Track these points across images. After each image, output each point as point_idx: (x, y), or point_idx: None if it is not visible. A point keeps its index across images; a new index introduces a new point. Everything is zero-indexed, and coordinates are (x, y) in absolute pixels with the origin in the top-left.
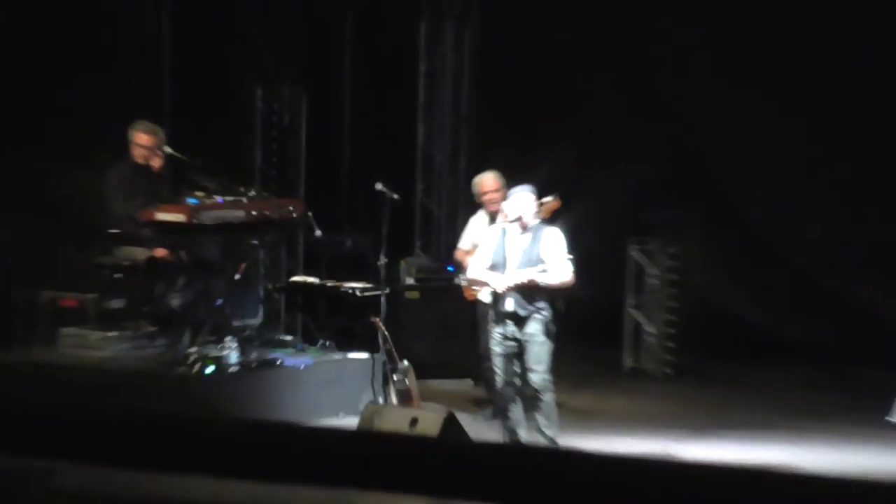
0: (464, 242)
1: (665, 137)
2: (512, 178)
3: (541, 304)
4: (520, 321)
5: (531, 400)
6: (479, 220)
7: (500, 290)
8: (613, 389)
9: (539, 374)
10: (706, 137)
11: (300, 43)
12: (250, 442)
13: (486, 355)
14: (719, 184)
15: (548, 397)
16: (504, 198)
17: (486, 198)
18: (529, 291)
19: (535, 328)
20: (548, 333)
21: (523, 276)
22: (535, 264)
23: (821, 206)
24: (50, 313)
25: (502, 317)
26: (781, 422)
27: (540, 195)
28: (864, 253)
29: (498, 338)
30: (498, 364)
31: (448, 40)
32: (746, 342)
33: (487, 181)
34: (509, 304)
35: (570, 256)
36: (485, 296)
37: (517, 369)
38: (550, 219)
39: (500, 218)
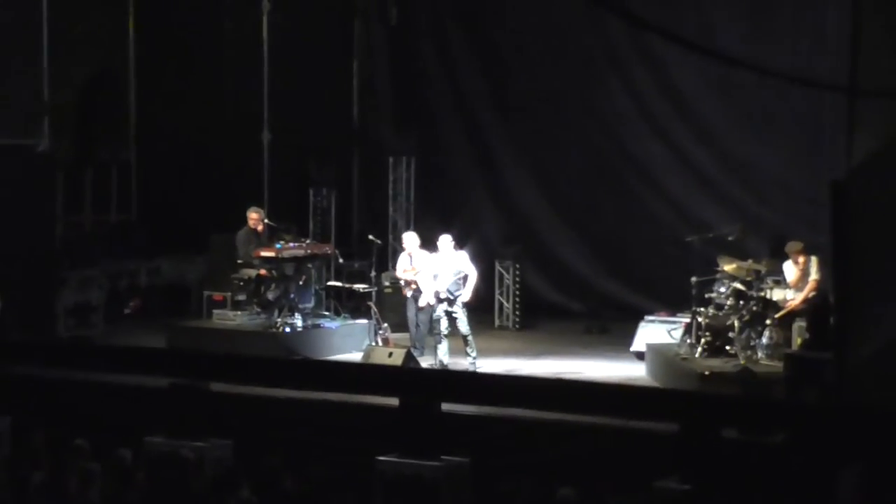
0: (397, 267)
1: (505, 214)
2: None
3: (461, 291)
4: (450, 301)
5: (464, 340)
6: (402, 256)
7: (440, 288)
8: (491, 336)
9: (465, 325)
10: (520, 205)
11: (332, 167)
12: (303, 369)
13: (413, 322)
14: (528, 230)
15: (471, 337)
16: (415, 245)
17: (404, 244)
18: (456, 284)
19: (459, 304)
20: (465, 306)
21: (462, 279)
22: (457, 272)
23: (574, 232)
24: (209, 302)
25: (441, 299)
26: (572, 349)
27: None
28: (603, 256)
29: (440, 310)
30: (439, 323)
31: (402, 171)
32: (554, 311)
33: (407, 237)
34: (445, 293)
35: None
36: (408, 293)
37: (449, 326)
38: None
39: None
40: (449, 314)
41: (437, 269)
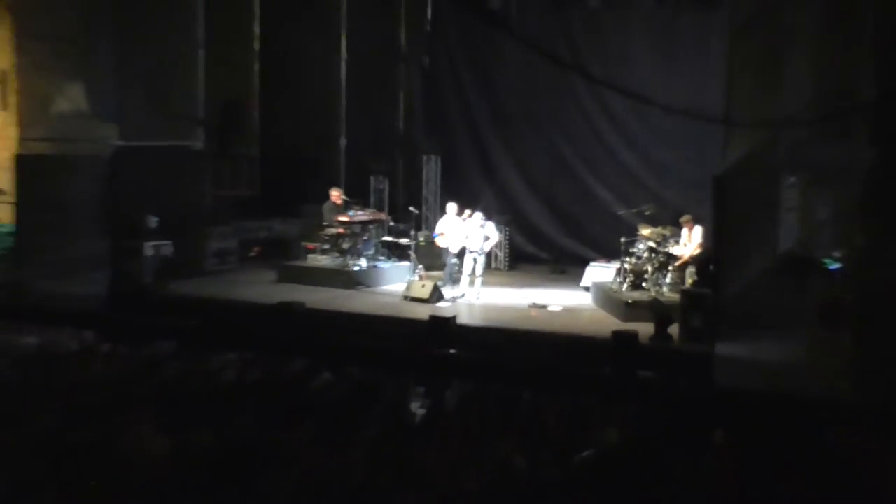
0: (438, 225)
1: (498, 194)
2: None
3: (483, 247)
4: (477, 254)
5: (478, 279)
6: (443, 218)
7: (472, 245)
8: (490, 275)
9: (481, 270)
10: (508, 188)
11: (385, 162)
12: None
13: (449, 262)
14: (513, 205)
15: (481, 279)
16: (454, 211)
17: (447, 209)
18: (482, 243)
19: (482, 255)
20: (483, 256)
21: (487, 240)
22: (485, 236)
23: (544, 206)
24: (304, 250)
25: (471, 251)
26: (542, 284)
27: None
28: (563, 222)
29: (470, 258)
30: (467, 266)
31: (432, 165)
32: (530, 258)
33: (449, 206)
34: (474, 247)
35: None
36: (443, 243)
37: (475, 267)
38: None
39: (473, 219)
40: (474, 261)
41: (470, 232)
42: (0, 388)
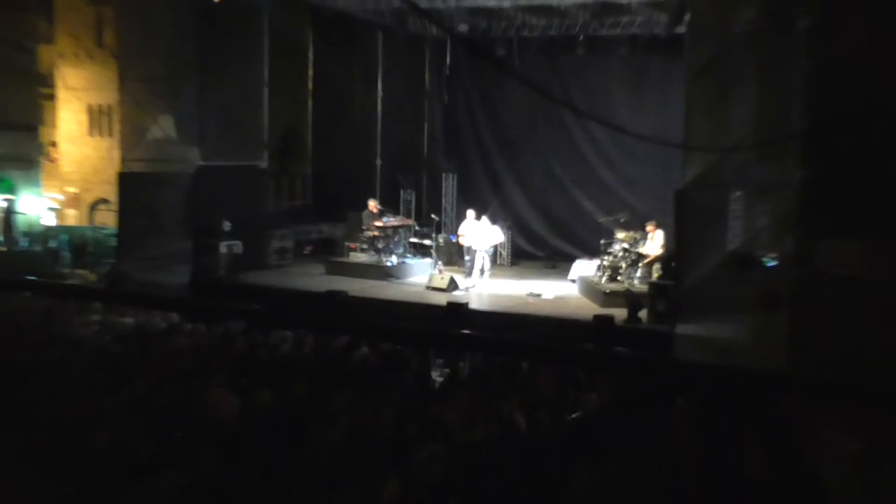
0: (460, 228)
1: (502, 203)
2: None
3: (491, 247)
4: (486, 252)
5: (487, 272)
6: (464, 222)
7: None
8: (495, 268)
9: (488, 264)
10: (511, 199)
11: (412, 178)
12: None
13: (465, 258)
14: (514, 212)
15: (489, 272)
16: (472, 216)
17: (466, 215)
18: (490, 242)
19: (489, 252)
20: (490, 254)
21: (493, 239)
22: (491, 236)
23: (540, 214)
24: (347, 248)
25: (482, 249)
26: (537, 276)
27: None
28: (554, 227)
29: (481, 255)
30: (477, 262)
31: (450, 181)
32: (528, 256)
33: (469, 212)
34: (483, 247)
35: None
36: (465, 241)
37: (484, 263)
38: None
39: (482, 222)
40: (483, 258)
41: (481, 233)
42: (105, 358)
